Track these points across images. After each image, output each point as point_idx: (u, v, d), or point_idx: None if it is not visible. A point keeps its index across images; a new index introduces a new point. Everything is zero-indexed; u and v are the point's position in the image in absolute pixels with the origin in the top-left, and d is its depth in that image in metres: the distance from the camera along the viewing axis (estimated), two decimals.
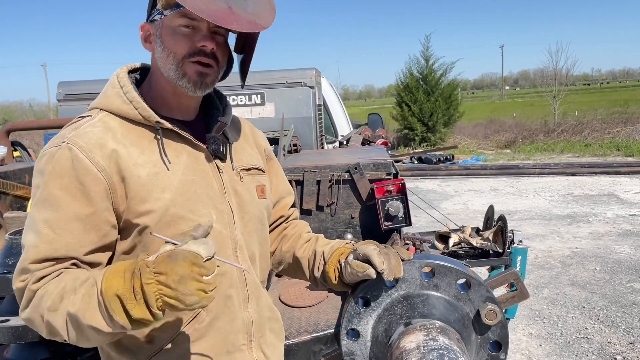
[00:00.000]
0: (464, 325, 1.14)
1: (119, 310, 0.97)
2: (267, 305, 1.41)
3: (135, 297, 0.96)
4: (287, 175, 2.61)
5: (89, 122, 1.20)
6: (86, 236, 1.12)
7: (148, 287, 0.95)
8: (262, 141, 1.53)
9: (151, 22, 1.22)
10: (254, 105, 3.71)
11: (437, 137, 20.14)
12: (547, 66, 25.55)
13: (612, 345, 4.12)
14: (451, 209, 9.11)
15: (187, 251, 0.96)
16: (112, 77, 1.27)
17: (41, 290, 1.07)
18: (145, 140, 1.21)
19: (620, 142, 16.91)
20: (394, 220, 2.49)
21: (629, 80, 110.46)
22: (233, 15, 1.14)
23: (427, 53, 20.55)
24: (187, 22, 1.17)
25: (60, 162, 1.12)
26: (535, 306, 4.93)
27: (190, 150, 1.26)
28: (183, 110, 1.30)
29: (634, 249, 6.44)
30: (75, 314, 1.01)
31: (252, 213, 1.35)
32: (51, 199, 1.11)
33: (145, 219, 1.15)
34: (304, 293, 2.26)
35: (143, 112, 1.20)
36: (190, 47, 1.18)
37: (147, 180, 1.16)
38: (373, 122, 7.85)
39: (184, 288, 0.94)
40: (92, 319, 1.00)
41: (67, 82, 3.94)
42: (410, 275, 1.18)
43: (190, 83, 1.21)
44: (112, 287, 0.99)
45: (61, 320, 1.03)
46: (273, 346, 1.42)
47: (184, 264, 0.95)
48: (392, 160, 2.67)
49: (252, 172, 1.39)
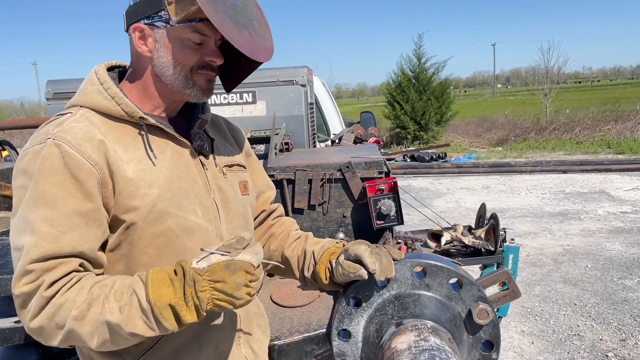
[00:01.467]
0: (455, 325, 1.14)
1: (170, 318, 1.03)
2: (254, 302, 1.42)
3: (187, 304, 1.03)
4: (279, 174, 2.60)
5: (71, 118, 1.17)
6: (89, 232, 1.10)
7: (202, 294, 1.03)
8: (240, 137, 1.53)
9: (150, 26, 1.19)
10: (245, 104, 3.69)
11: (430, 135, 20.17)
12: (538, 64, 25.67)
13: (603, 342, 4.14)
14: (443, 207, 9.13)
15: (242, 262, 1.05)
16: (90, 74, 1.24)
17: (59, 299, 1.04)
18: (129, 137, 1.19)
19: (611, 140, 17.02)
20: (386, 219, 2.49)
21: (619, 78, 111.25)
22: (255, 43, 1.20)
23: (419, 51, 20.59)
24: (199, 38, 1.18)
25: (49, 160, 1.08)
26: (527, 304, 4.94)
27: (174, 147, 1.25)
28: (168, 109, 1.29)
29: (625, 246, 6.48)
30: (117, 323, 1.03)
31: (237, 209, 1.36)
32: (46, 197, 1.07)
33: (132, 216, 1.14)
34: (296, 293, 2.25)
35: (126, 107, 1.19)
36: (199, 59, 1.21)
37: (134, 175, 1.15)
38: (365, 120, 7.84)
39: (239, 294, 1.04)
40: (133, 327, 1.03)
41: (55, 81, 3.90)
42: (402, 275, 1.17)
43: (200, 91, 1.24)
44: (164, 297, 1.03)
45: (89, 328, 1.04)
46: (260, 342, 1.44)
47: (240, 274, 1.04)
48: (384, 159, 2.66)
49: (234, 169, 1.40)
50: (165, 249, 1.19)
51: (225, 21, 1.12)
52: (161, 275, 1.05)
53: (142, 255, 1.18)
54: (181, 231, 1.20)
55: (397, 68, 21.03)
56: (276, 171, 2.60)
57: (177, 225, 1.20)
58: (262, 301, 2.23)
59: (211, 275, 1.03)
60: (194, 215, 1.23)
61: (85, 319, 1.03)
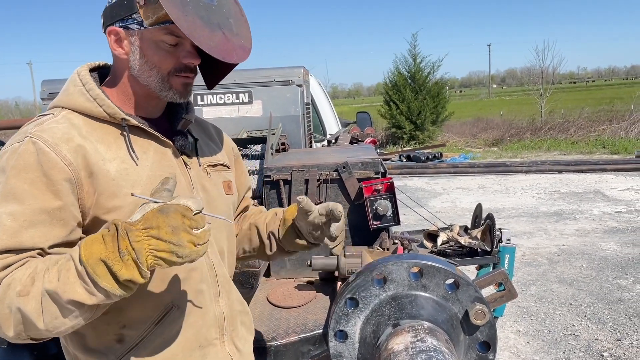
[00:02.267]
0: (452, 326, 1.14)
1: (104, 274, 0.97)
2: (237, 299, 1.44)
3: (122, 258, 0.96)
4: (275, 175, 2.60)
5: (52, 119, 1.18)
6: (52, 230, 1.09)
7: (137, 244, 0.96)
8: (229, 142, 1.57)
9: (124, 28, 1.19)
10: (242, 104, 3.68)
11: (425, 135, 20.21)
12: (534, 64, 25.74)
13: (599, 341, 4.16)
14: (439, 207, 9.15)
15: (177, 204, 0.99)
16: (72, 75, 1.25)
17: (7, 279, 1.02)
18: (111, 137, 1.20)
19: (606, 140, 17.09)
20: (383, 219, 2.49)
21: (614, 78, 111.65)
22: (229, 43, 1.18)
23: (414, 51, 20.63)
24: (173, 40, 1.17)
25: (24, 157, 1.09)
26: (523, 303, 4.96)
27: (157, 147, 1.26)
28: (150, 110, 1.30)
29: (619, 246, 6.51)
30: (54, 290, 0.98)
31: (220, 209, 1.37)
32: (15, 193, 1.07)
33: (115, 215, 1.14)
34: (292, 293, 2.25)
35: (108, 109, 1.19)
36: (175, 62, 1.20)
37: (116, 175, 1.16)
38: (361, 120, 7.84)
39: (177, 239, 0.96)
40: (72, 293, 0.98)
41: (51, 81, 3.88)
42: (399, 275, 1.17)
43: (177, 94, 1.24)
44: (94, 253, 0.98)
45: (35, 304, 0.99)
46: (244, 339, 1.45)
47: (175, 216, 0.97)
48: (381, 159, 2.66)
49: (218, 168, 1.41)
50: None
51: (195, 23, 1.12)
52: (95, 235, 1.02)
53: None
54: None
55: (393, 67, 21.09)
56: (272, 171, 2.60)
57: None
58: (259, 302, 2.23)
59: (145, 223, 0.98)
60: None
61: (29, 295, 0.99)
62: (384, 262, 1.16)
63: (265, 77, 3.70)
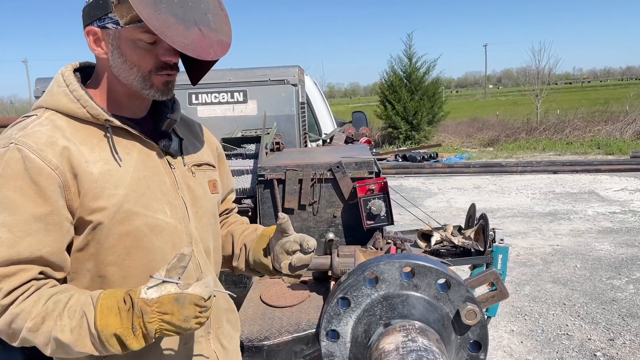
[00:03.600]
0: (443, 326, 1.14)
1: (116, 345, 1.07)
2: (223, 297, 1.45)
3: (134, 332, 1.06)
4: (269, 174, 2.60)
5: (36, 121, 1.18)
6: (48, 236, 1.12)
7: (150, 325, 1.06)
8: (214, 141, 1.57)
9: (102, 28, 1.18)
10: (236, 103, 3.67)
11: (421, 135, 20.23)
12: (529, 65, 25.74)
13: (592, 341, 4.17)
14: (434, 206, 9.16)
15: (192, 295, 1.07)
16: (57, 75, 1.25)
17: (15, 309, 1.07)
18: (95, 139, 1.20)
19: (600, 141, 17.15)
20: (376, 219, 2.49)
21: (609, 79, 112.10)
22: (206, 40, 1.18)
23: (410, 51, 20.64)
24: (150, 38, 1.16)
25: (10, 165, 1.11)
26: (516, 303, 4.97)
27: (141, 148, 1.26)
28: (134, 109, 1.30)
29: (613, 246, 6.53)
30: (67, 343, 1.07)
31: (206, 207, 1.38)
32: (6, 202, 1.09)
33: (99, 216, 1.16)
34: (286, 293, 2.24)
35: (91, 110, 1.19)
36: (155, 61, 1.20)
37: (99, 177, 1.16)
38: (357, 120, 7.83)
39: (187, 325, 1.07)
40: (83, 347, 1.08)
41: (45, 79, 3.87)
42: (390, 275, 1.17)
43: (158, 92, 1.24)
44: (110, 327, 1.06)
45: (44, 339, 1.08)
46: (230, 337, 1.46)
47: (190, 307, 1.06)
48: (375, 159, 2.66)
49: (203, 168, 1.42)
50: (134, 248, 1.21)
51: (168, 22, 1.11)
52: (110, 302, 1.09)
53: (110, 254, 1.20)
54: (149, 230, 1.22)
55: (388, 67, 21.08)
56: (267, 171, 2.59)
57: (145, 224, 1.21)
58: (252, 301, 2.22)
59: (160, 307, 1.06)
60: (163, 214, 1.25)
61: (39, 331, 1.07)
62: (376, 262, 1.17)
63: (260, 76, 3.70)
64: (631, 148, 15.19)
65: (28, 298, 1.08)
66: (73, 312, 1.08)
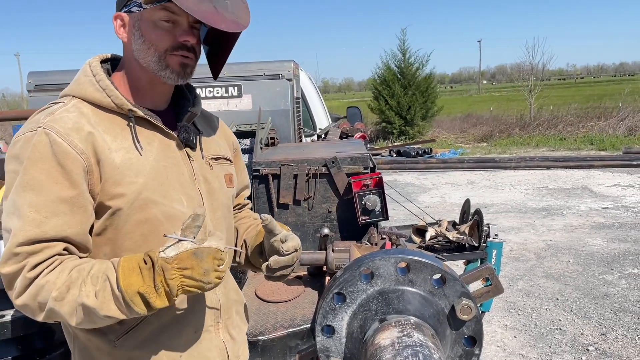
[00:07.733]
0: (438, 321, 1.14)
1: (140, 304, 1.09)
2: (233, 289, 1.49)
3: (157, 290, 1.09)
4: (264, 169, 2.59)
5: (63, 107, 1.22)
6: (73, 218, 1.15)
7: (172, 282, 1.08)
8: (231, 136, 1.60)
9: (128, 13, 1.25)
10: (231, 98, 3.66)
11: (415, 130, 20.25)
12: (523, 61, 25.81)
13: (584, 336, 4.20)
14: (429, 202, 9.18)
15: (209, 248, 1.10)
16: (84, 66, 1.29)
17: (41, 280, 1.10)
18: (118, 128, 1.24)
19: (593, 137, 17.22)
20: (371, 214, 2.49)
21: (603, 75, 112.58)
22: (219, 15, 1.21)
23: (403, 46, 20.63)
24: (168, 15, 1.21)
25: (38, 148, 1.14)
26: (510, 298, 5.00)
27: (162, 138, 1.30)
28: (156, 100, 1.33)
29: (606, 242, 6.57)
30: (92, 307, 1.09)
31: (221, 200, 1.41)
32: (33, 183, 1.12)
33: (118, 202, 1.19)
34: (280, 288, 2.24)
35: (116, 100, 1.23)
36: (172, 41, 1.23)
37: (121, 164, 1.20)
38: (352, 115, 7.85)
39: (207, 278, 1.10)
40: (108, 310, 1.09)
41: (37, 72, 3.84)
42: (386, 270, 1.17)
43: (174, 74, 1.26)
44: (133, 285, 1.08)
45: (69, 308, 1.10)
46: (239, 328, 1.49)
47: (208, 260, 1.09)
48: (370, 154, 2.66)
49: (220, 162, 1.45)
50: (150, 235, 1.24)
51: None
52: (132, 264, 1.11)
53: (127, 240, 1.23)
54: (165, 219, 1.25)
55: (381, 62, 21.06)
56: (261, 166, 2.59)
57: (161, 213, 1.25)
58: (247, 296, 2.22)
59: (179, 263, 1.08)
60: (179, 204, 1.28)
61: (64, 300, 1.09)
62: (372, 257, 1.16)
63: (254, 70, 3.68)
64: (624, 144, 15.27)
65: (53, 271, 1.11)
66: (96, 278, 1.10)
